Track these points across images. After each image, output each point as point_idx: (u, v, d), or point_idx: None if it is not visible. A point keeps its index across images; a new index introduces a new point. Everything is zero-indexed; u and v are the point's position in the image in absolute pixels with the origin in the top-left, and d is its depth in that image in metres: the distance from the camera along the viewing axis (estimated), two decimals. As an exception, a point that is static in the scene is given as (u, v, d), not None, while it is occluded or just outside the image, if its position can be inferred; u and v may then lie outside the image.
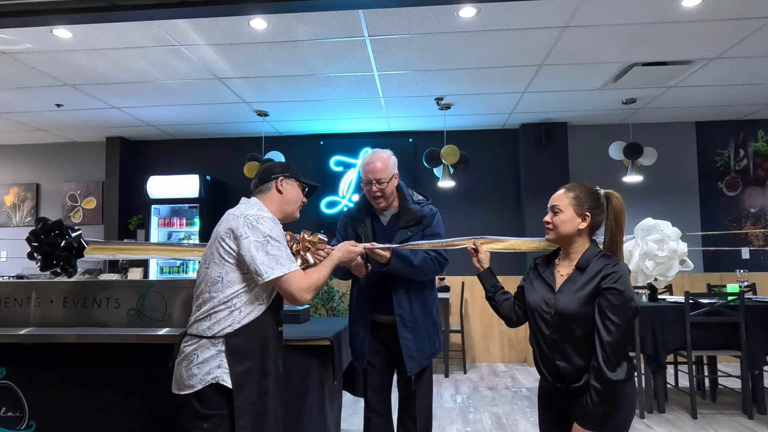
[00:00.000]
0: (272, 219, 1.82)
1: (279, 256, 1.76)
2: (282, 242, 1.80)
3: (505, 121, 6.10)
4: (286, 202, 1.96)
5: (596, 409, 1.64)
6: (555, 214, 1.82)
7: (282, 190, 1.95)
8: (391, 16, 3.48)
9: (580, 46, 4.00)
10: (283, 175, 1.97)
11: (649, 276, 2.11)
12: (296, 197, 2.00)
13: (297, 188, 2.01)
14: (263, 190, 1.97)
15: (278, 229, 1.81)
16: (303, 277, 1.80)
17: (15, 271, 6.25)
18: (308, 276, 1.82)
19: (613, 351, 1.63)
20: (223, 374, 1.69)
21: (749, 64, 4.41)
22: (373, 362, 2.50)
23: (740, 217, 6.14)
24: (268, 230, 1.76)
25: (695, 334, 3.95)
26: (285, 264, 1.76)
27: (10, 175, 6.90)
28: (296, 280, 1.77)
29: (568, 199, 1.80)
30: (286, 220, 1.99)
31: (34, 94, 4.93)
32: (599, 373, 1.63)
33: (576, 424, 1.68)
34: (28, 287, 2.62)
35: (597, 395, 1.63)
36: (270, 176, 1.97)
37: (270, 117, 5.77)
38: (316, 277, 1.85)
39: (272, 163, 2.04)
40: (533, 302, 1.84)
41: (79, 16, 2.69)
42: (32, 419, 2.49)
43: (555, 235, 1.83)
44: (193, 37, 3.74)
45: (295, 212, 2.02)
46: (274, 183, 1.95)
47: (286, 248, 1.80)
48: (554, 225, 1.82)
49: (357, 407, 4.21)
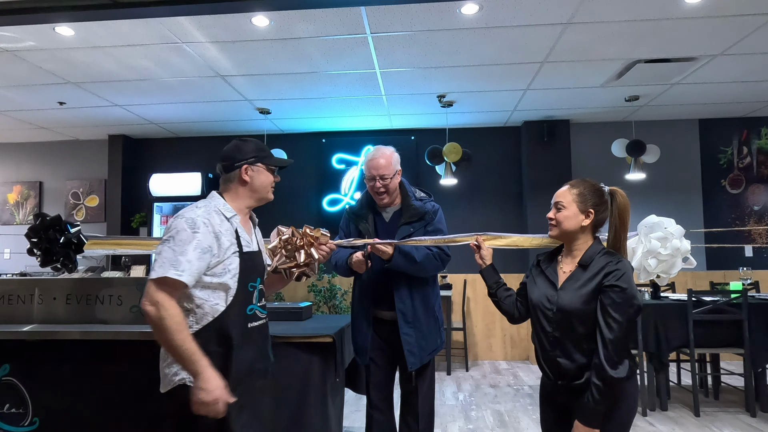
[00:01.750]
0: (188, 220, 1.65)
1: (167, 257, 1.59)
2: (183, 246, 1.60)
3: (508, 118, 6.09)
4: (253, 191, 1.82)
5: (597, 406, 1.64)
6: (558, 210, 1.81)
7: (247, 179, 1.80)
8: (393, 13, 3.47)
9: (583, 43, 3.98)
10: (247, 162, 1.79)
11: (652, 274, 2.11)
12: (265, 182, 1.84)
13: (265, 172, 1.84)
14: (227, 181, 1.82)
15: (187, 232, 1.62)
16: (165, 293, 1.58)
17: (18, 269, 6.28)
18: (169, 302, 1.58)
19: (614, 348, 1.63)
20: (187, 375, 1.63)
21: (753, 61, 4.39)
22: (375, 359, 2.51)
23: (743, 214, 6.12)
24: (174, 232, 1.63)
25: (698, 331, 3.94)
26: (166, 267, 1.58)
27: (13, 173, 6.91)
28: (157, 287, 1.58)
29: (572, 196, 1.80)
30: (260, 203, 1.87)
31: (37, 92, 4.94)
32: (601, 371, 1.63)
33: (577, 421, 1.68)
34: (32, 284, 2.63)
35: (598, 392, 1.63)
36: (233, 165, 1.80)
37: (272, 115, 5.77)
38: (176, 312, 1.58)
39: (235, 145, 1.83)
40: (535, 299, 1.83)
41: (82, 14, 2.69)
42: (35, 416, 2.50)
43: (558, 231, 1.82)
44: (195, 35, 3.74)
45: (267, 195, 1.87)
46: (237, 174, 1.80)
47: (183, 254, 1.59)
48: (557, 221, 1.81)
49: (359, 404, 4.21)
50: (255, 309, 1.79)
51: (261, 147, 1.85)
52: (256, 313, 1.80)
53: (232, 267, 1.72)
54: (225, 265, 1.70)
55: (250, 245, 1.81)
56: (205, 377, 1.58)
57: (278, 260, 2.01)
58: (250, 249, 1.80)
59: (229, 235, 1.73)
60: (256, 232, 1.94)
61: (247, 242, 1.80)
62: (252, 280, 1.78)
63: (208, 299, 1.68)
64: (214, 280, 1.69)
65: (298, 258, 2.00)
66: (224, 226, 1.73)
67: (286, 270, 2.01)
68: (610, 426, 1.67)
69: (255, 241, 1.88)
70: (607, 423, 1.66)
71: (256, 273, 1.82)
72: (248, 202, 1.84)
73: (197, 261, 1.62)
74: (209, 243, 1.66)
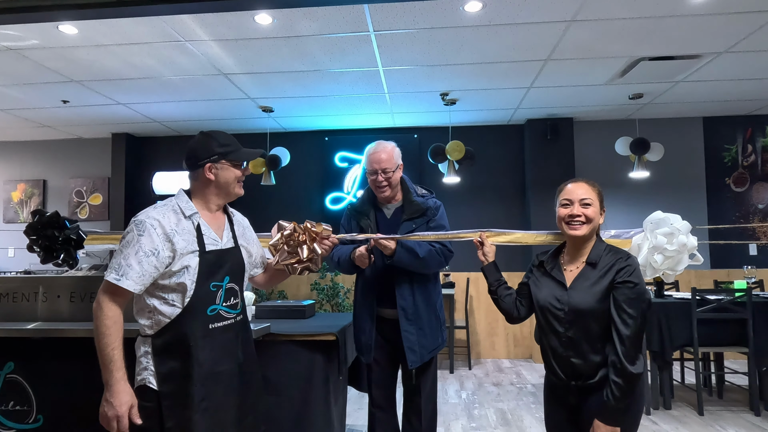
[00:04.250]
0: (138, 222, 1.64)
1: (114, 261, 1.60)
2: (126, 249, 1.60)
3: (511, 116, 6.08)
4: (219, 187, 1.78)
5: (618, 404, 1.62)
6: (586, 207, 1.78)
7: (211, 177, 1.76)
8: (396, 10, 3.46)
9: (587, 41, 3.97)
10: (209, 160, 1.75)
11: (658, 270, 2.09)
12: (230, 179, 1.79)
13: (230, 168, 1.78)
14: (193, 179, 1.80)
15: (133, 233, 1.62)
16: (107, 295, 1.59)
17: (23, 267, 6.31)
18: (107, 305, 1.58)
19: (632, 344, 1.63)
20: (149, 376, 1.63)
21: (758, 59, 4.36)
22: (377, 358, 2.50)
23: (748, 213, 6.10)
24: (124, 234, 1.64)
25: (702, 330, 3.92)
26: (110, 271, 1.59)
27: (17, 172, 6.94)
28: (102, 289, 1.60)
29: (595, 193, 1.82)
30: (229, 200, 1.85)
31: (41, 91, 4.96)
32: (620, 368, 1.62)
33: (597, 420, 1.66)
34: (36, 282, 2.64)
35: (618, 390, 1.62)
36: (196, 164, 1.76)
37: (275, 113, 5.77)
38: (109, 315, 1.58)
39: (198, 142, 1.79)
40: (542, 300, 1.81)
41: (85, 12, 2.69)
42: (40, 413, 2.51)
43: (588, 228, 1.78)
44: (198, 33, 3.74)
45: (235, 191, 1.82)
46: (201, 172, 1.76)
47: (125, 258, 1.59)
48: (587, 218, 1.77)
49: (362, 402, 4.22)
50: (219, 309, 1.72)
51: (225, 142, 1.80)
52: (220, 314, 1.72)
53: (191, 267, 1.66)
54: (182, 265, 1.65)
55: (217, 243, 1.75)
56: (114, 390, 1.56)
57: (281, 256, 1.99)
58: (216, 247, 1.74)
59: (187, 235, 1.68)
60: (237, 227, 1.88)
61: (214, 240, 1.75)
62: (217, 279, 1.72)
63: (165, 301, 1.66)
64: (172, 280, 1.65)
65: (300, 254, 1.98)
66: (181, 226, 1.69)
67: (288, 266, 1.99)
68: (626, 421, 1.67)
69: (228, 237, 1.82)
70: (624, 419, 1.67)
71: (224, 272, 1.75)
72: (215, 199, 1.80)
73: (138, 265, 1.59)
74: (155, 245, 1.62)
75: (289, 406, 2.44)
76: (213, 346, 1.69)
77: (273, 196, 6.40)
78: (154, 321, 1.66)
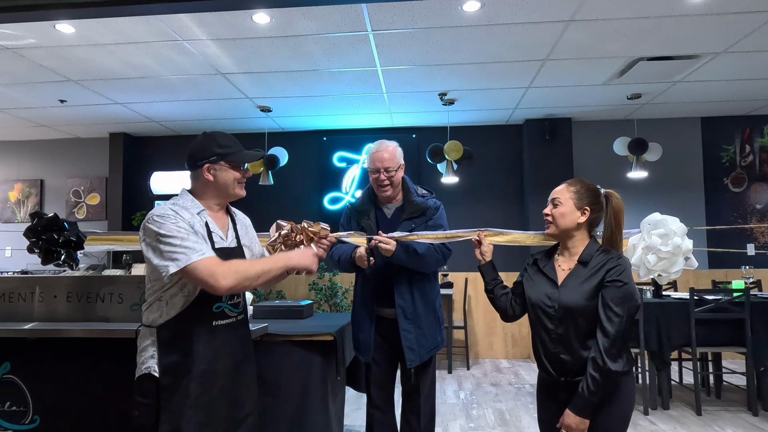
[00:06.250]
0: (162, 216, 1.64)
1: (173, 251, 1.58)
2: (176, 234, 1.60)
3: (509, 116, 6.08)
4: (218, 188, 1.79)
5: (592, 397, 1.67)
6: (555, 206, 1.84)
7: (210, 178, 1.77)
8: (394, 10, 3.46)
9: (585, 41, 3.97)
10: (208, 161, 1.76)
11: (652, 270, 2.10)
12: (229, 180, 1.79)
13: (229, 170, 1.79)
14: (193, 179, 1.82)
15: (170, 224, 1.62)
16: (215, 264, 1.59)
17: (20, 267, 6.29)
18: (229, 263, 1.62)
19: (615, 342, 1.66)
20: (154, 364, 1.65)
21: (756, 59, 4.37)
22: (376, 357, 2.50)
23: (746, 213, 6.11)
24: (156, 228, 1.62)
25: (700, 330, 3.93)
26: (180, 257, 1.58)
27: (14, 171, 6.92)
28: (204, 267, 1.58)
29: (569, 193, 1.83)
30: (230, 200, 1.86)
31: (38, 90, 4.94)
32: (599, 363, 1.66)
33: (568, 410, 1.70)
34: (33, 282, 2.63)
35: (594, 384, 1.66)
36: (195, 164, 1.79)
37: (273, 112, 5.76)
38: (244, 267, 1.64)
39: (199, 142, 1.81)
40: (534, 297, 1.85)
41: (82, 11, 2.68)
42: (36, 414, 2.50)
43: (555, 228, 1.84)
44: (195, 32, 3.73)
45: (235, 192, 1.82)
46: (200, 173, 1.78)
47: (183, 239, 1.60)
48: (554, 217, 1.84)
49: (360, 403, 4.21)
50: (223, 307, 1.75)
51: (225, 143, 1.80)
52: (224, 311, 1.75)
53: None
54: None
55: (223, 241, 1.78)
56: (290, 256, 1.80)
57: None
58: (223, 245, 1.76)
59: (201, 229, 1.71)
60: (239, 227, 1.90)
61: (220, 238, 1.77)
62: None
63: (176, 293, 1.67)
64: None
65: None
66: (195, 221, 1.71)
67: None
68: (612, 420, 1.71)
69: (232, 236, 1.84)
70: (608, 417, 1.70)
71: None
72: (215, 199, 1.82)
73: (194, 236, 1.63)
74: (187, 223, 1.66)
75: (286, 406, 2.43)
76: (214, 343, 1.71)
77: (271, 195, 6.38)
78: (164, 311, 1.68)
